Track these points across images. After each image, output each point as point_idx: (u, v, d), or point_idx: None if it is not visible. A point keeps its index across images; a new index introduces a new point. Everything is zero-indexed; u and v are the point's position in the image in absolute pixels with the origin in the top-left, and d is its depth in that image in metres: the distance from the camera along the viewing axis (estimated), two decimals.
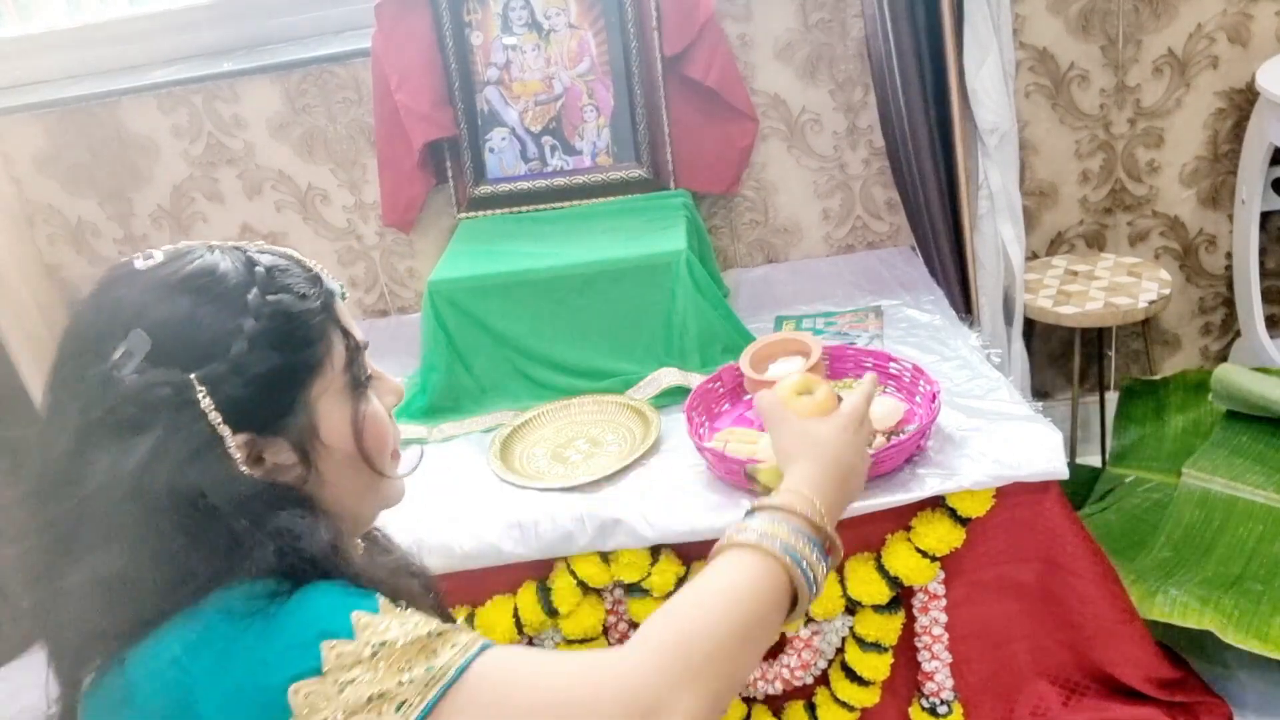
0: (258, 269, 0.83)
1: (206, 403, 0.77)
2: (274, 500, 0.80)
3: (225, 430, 0.78)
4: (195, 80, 2.20)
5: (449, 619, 1.03)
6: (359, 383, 0.88)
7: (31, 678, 0.87)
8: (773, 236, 2.29)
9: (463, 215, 2.16)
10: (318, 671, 0.72)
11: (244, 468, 0.79)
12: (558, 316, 1.85)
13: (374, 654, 0.73)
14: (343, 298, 0.89)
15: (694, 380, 1.73)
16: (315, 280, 0.86)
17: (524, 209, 2.14)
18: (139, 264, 0.82)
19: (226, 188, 2.30)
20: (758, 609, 0.81)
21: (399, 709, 0.72)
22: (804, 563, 0.84)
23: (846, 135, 2.19)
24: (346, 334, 0.87)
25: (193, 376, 0.77)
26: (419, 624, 0.76)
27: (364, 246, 2.34)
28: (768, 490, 0.93)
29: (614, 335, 1.84)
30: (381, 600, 0.77)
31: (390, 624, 0.75)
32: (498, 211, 2.15)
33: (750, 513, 0.88)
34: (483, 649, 0.75)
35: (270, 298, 0.81)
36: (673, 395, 1.75)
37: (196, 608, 0.75)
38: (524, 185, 2.14)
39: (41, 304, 2.31)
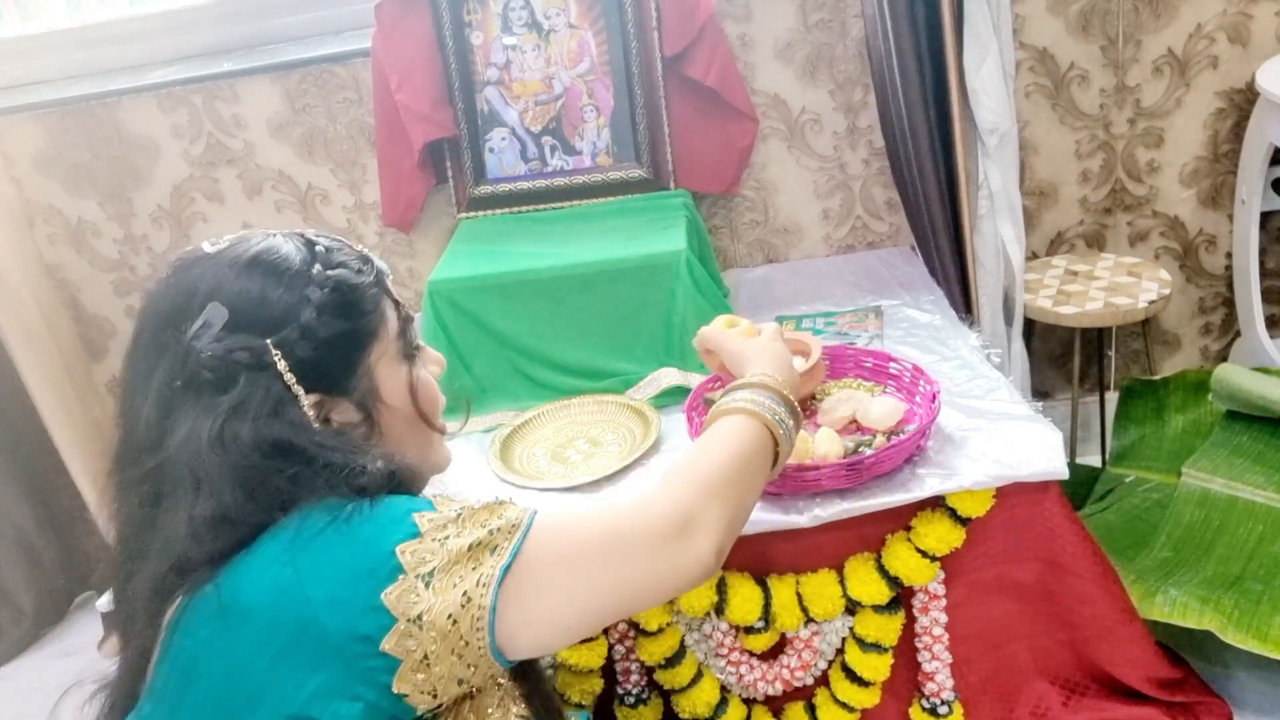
0: (317, 248, 0.94)
1: (282, 365, 0.88)
2: (347, 445, 0.89)
3: (299, 389, 0.89)
4: (195, 80, 2.20)
5: None
6: (412, 348, 0.99)
7: (32, 679, 0.89)
8: (773, 236, 2.29)
9: (463, 215, 2.16)
10: (417, 535, 0.83)
11: (316, 425, 0.90)
12: (558, 316, 1.85)
13: (458, 516, 0.85)
14: (388, 277, 1.00)
15: (694, 380, 1.73)
16: (366, 259, 0.98)
17: (524, 209, 2.14)
18: (208, 248, 0.93)
19: (226, 188, 2.30)
20: (752, 452, 0.99)
21: (493, 552, 0.84)
22: (781, 420, 1.03)
23: (846, 135, 2.19)
24: (398, 305, 0.99)
25: (269, 341, 0.88)
26: (477, 500, 0.89)
27: (364, 246, 2.34)
28: None
29: (614, 335, 1.84)
30: (434, 496, 0.90)
31: (456, 501, 0.88)
32: (498, 211, 2.15)
33: (730, 390, 1.06)
34: (535, 511, 0.88)
35: (331, 272, 0.92)
36: (673, 395, 1.76)
37: (282, 524, 0.84)
38: (524, 185, 2.14)
39: (42, 304, 2.31)
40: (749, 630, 1.51)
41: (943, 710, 1.55)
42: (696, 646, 1.55)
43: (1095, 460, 2.22)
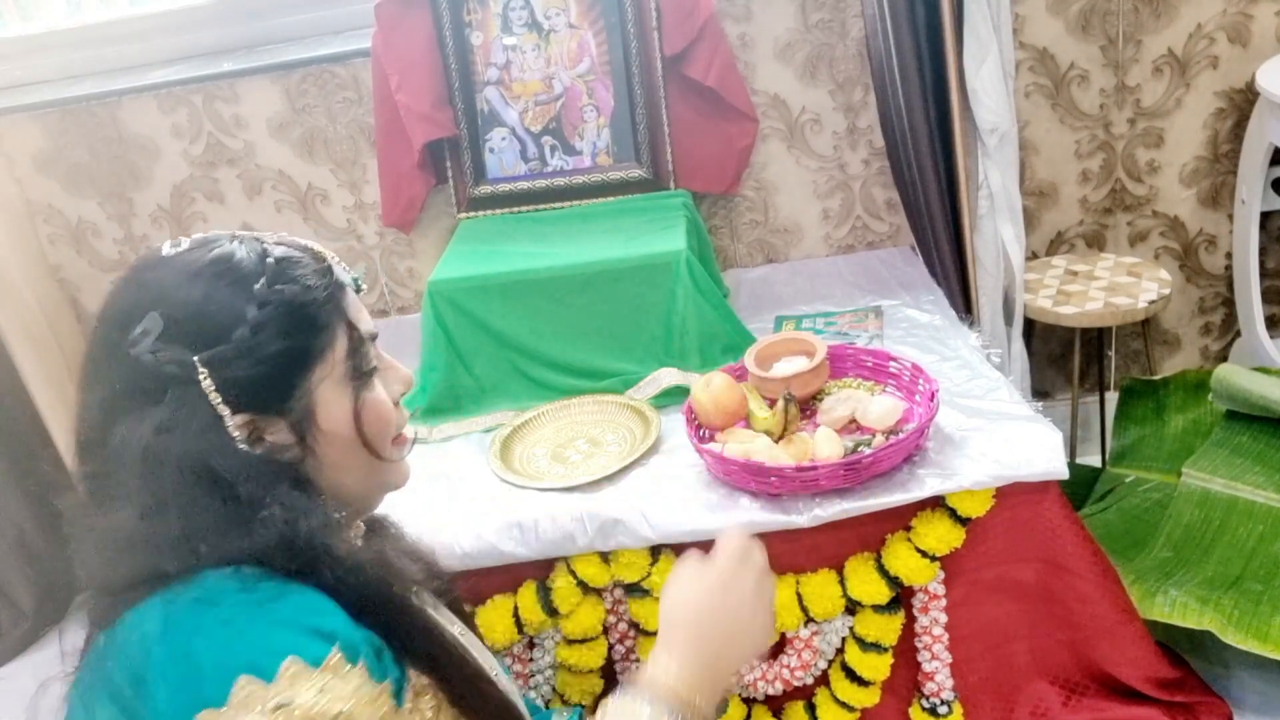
0: (269, 259, 0.89)
1: (208, 384, 0.84)
2: (272, 476, 0.85)
3: (225, 410, 0.85)
4: (195, 80, 2.20)
5: (462, 613, 1.07)
6: (361, 372, 0.93)
7: (32, 679, 0.90)
8: (773, 236, 2.29)
9: (463, 215, 2.16)
10: (222, 703, 0.74)
11: (244, 446, 0.85)
12: (558, 316, 1.85)
13: (275, 708, 0.74)
14: (357, 290, 0.95)
15: (694, 380, 1.73)
16: (326, 272, 0.92)
17: (524, 209, 2.14)
18: (166, 250, 0.90)
19: (226, 188, 2.30)
20: None
21: None
22: None
23: (846, 135, 2.19)
24: (351, 325, 0.92)
25: (196, 359, 0.84)
26: (343, 699, 0.77)
27: (364, 246, 2.35)
28: None
29: (614, 335, 1.84)
30: (333, 655, 0.78)
31: (314, 686, 0.76)
32: (498, 211, 2.15)
33: (624, 693, 0.89)
34: None
35: (276, 288, 0.87)
36: (673, 395, 1.76)
37: (187, 582, 0.80)
38: (524, 185, 2.14)
39: (44, 304, 2.31)
40: None
41: (942, 710, 1.55)
42: None
43: (1095, 460, 2.22)
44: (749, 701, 1.58)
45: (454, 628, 1.00)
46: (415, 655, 0.87)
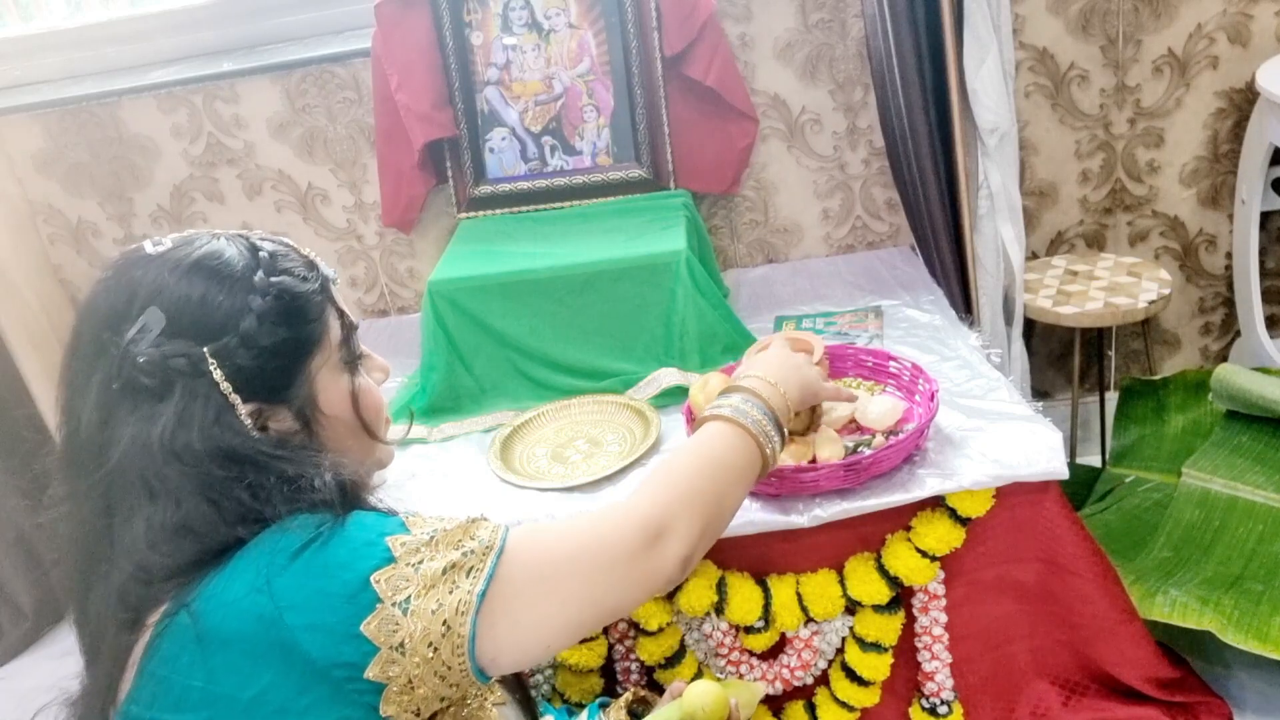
0: (261, 253, 0.92)
1: (218, 374, 0.86)
2: (293, 452, 0.89)
3: (236, 399, 0.87)
4: (195, 80, 2.20)
5: None
6: (354, 357, 0.98)
7: (32, 679, 0.89)
8: (773, 236, 2.29)
9: (463, 215, 2.16)
10: (391, 560, 0.82)
11: (255, 433, 0.88)
12: (558, 316, 1.85)
13: (431, 539, 0.85)
14: (334, 283, 0.98)
15: (694, 380, 1.73)
16: (311, 265, 0.96)
17: (524, 209, 2.14)
18: (150, 249, 0.91)
19: (226, 188, 2.30)
20: (731, 460, 1.01)
21: (469, 574, 0.84)
22: (763, 429, 1.04)
23: (846, 135, 2.19)
24: (342, 313, 0.97)
25: (206, 350, 0.86)
26: (450, 518, 0.88)
27: (364, 246, 2.35)
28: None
29: (614, 335, 1.84)
30: (405, 515, 0.88)
31: (429, 521, 0.87)
32: (498, 211, 2.15)
33: (726, 392, 1.08)
34: (508, 529, 0.88)
35: (274, 279, 0.90)
36: (673, 395, 1.76)
37: (252, 546, 0.83)
38: (524, 185, 2.14)
39: (45, 304, 2.31)
40: (749, 630, 1.51)
41: (942, 710, 1.55)
42: (696, 646, 1.55)
43: (1095, 460, 2.22)
44: None
45: None
46: None
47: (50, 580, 2.37)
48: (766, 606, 1.48)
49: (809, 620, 1.50)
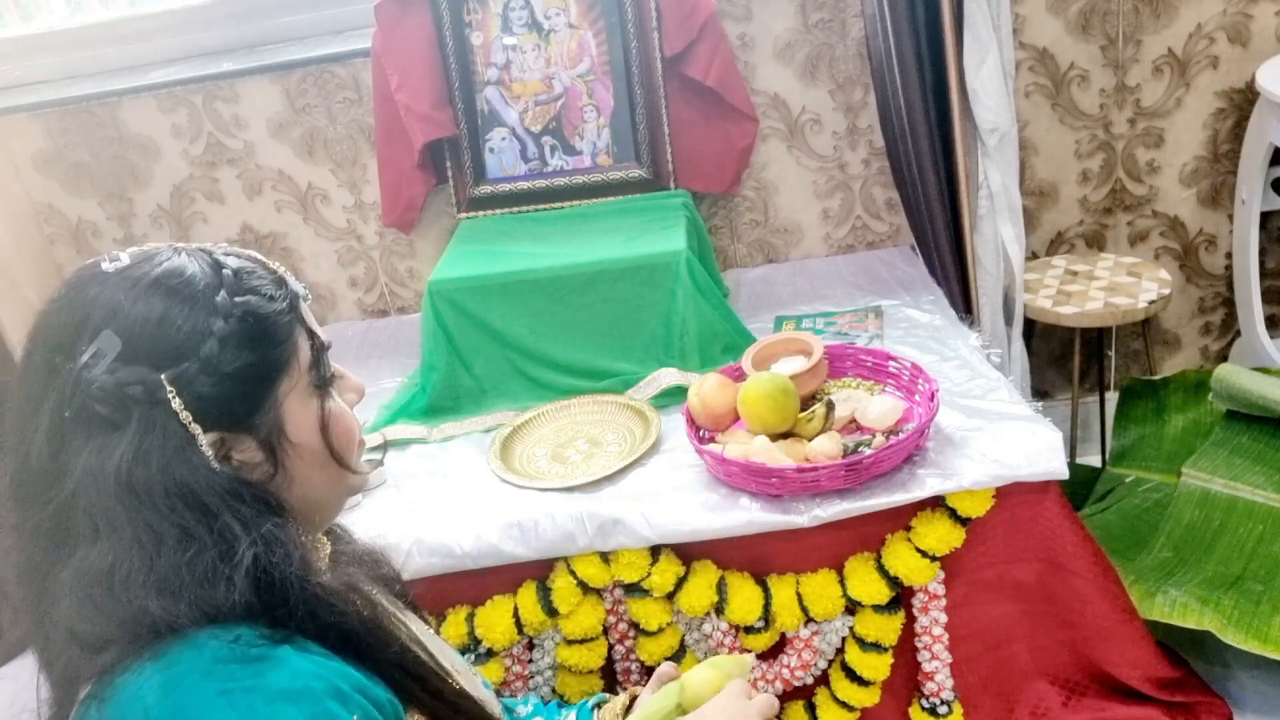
0: (225, 271, 0.85)
1: (177, 402, 0.80)
2: (248, 500, 0.82)
3: (196, 429, 0.81)
4: (195, 80, 2.20)
5: (416, 608, 1.05)
6: (325, 381, 0.90)
7: (32, 679, 0.88)
8: (773, 236, 2.29)
9: (463, 215, 2.16)
10: None
11: (216, 465, 0.81)
12: (558, 316, 1.85)
13: None
14: (306, 300, 0.91)
15: (694, 380, 1.73)
16: (280, 282, 0.88)
17: (524, 209, 2.14)
18: (106, 266, 0.84)
19: (226, 188, 2.30)
20: None
21: None
22: None
23: (846, 135, 2.19)
24: (312, 334, 0.90)
25: (163, 377, 0.79)
26: None
27: (364, 246, 2.34)
28: (682, 711, 1.01)
29: (614, 335, 1.84)
30: (333, 689, 0.77)
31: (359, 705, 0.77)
32: (498, 211, 2.15)
33: None
34: None
35: (239, 299, 0.84)
36: (673, 395, 1.76)
37: (177, 651, 0.75)
38: (524, 185, 2.14)
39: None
40: (749, 630, 1.51)
41: (942, 710, 1.55)
42: (696, 646, 1.55)
43: (1095, 460, 2.22)
44: None
45: (425, 634, 0.99)
46: (401, 687, 0.86)
47: None
48: (766, 606, 1.48)
49: (809, 620, 1.50)
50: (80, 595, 0.77)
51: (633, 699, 1.19)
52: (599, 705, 1.18)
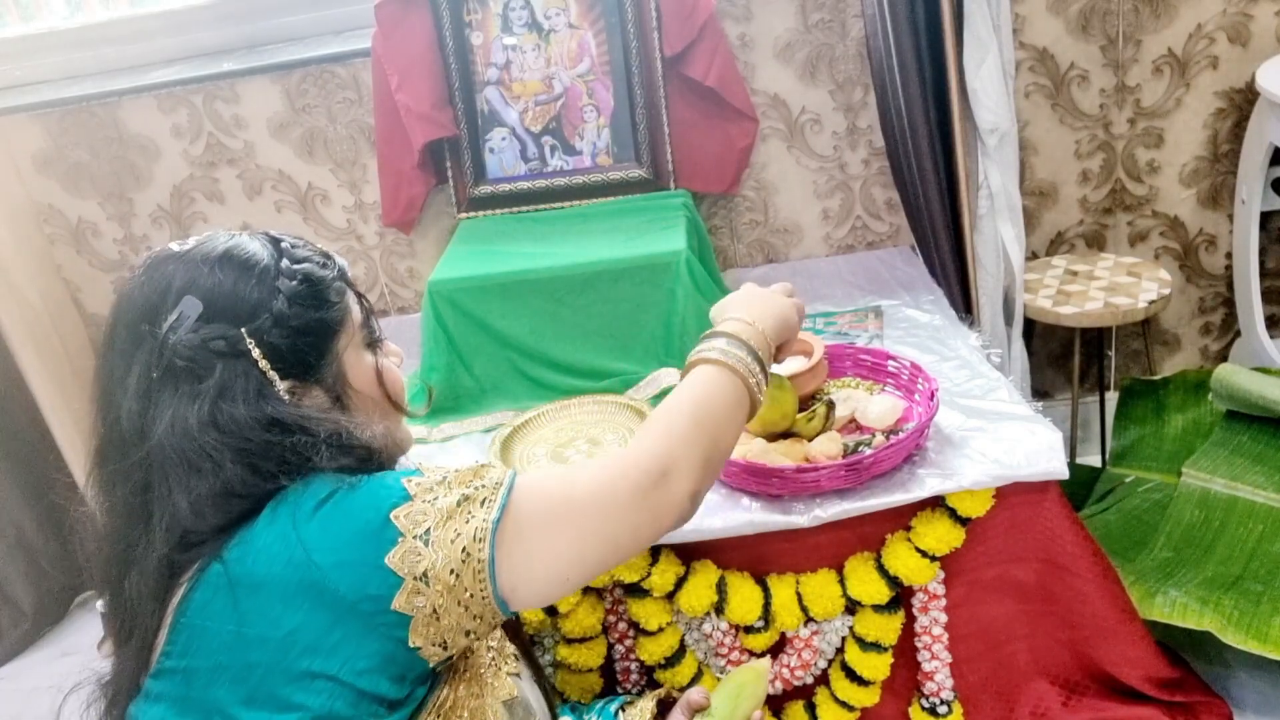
0: (282, 244, 0.99)
1: (256, 352, 0.92)
2: (331, 417, 0.95)
3: (274, 375, 0.93)
4: (195, 80, 2.20)
5: None
6: (374, 338, 1.04)
7: (32, 679, 0.90)
8: (773, 236, 2.29)
9: (463, 215, 2.16)
10: (408, 498, 0.89)
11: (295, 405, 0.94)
12: (558, 316, 1.85)
13: (444, 479, 0.91)
14: (348, 273, 1.04)
15: None
16: (327, 255, 1.03)
17: (524, 209, 2.14)
18: (176, 247, 0.97)
19: (226, 188, 2.30)
20: (723, 400, 1.02)
21: (482, 505, 0.90)
22: (749, 368, 1.05)
23: (846, 135, 2.19)
24: (361, 296, 1.04)
25: (243, 330, 0.92)
26: (459, 466, 0.94)
27: (364, 246, 2.35)
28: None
29: (614, 335, 1.84)
30: (419, 464, 0.96)
31: (440, 468, 0.93)
32: (498, 211, 2.15)
33: (710, 336, 1.09)
34: (516, 471, 0.95)
35: (297, 266, 0.97)
36: None
37: (277, 502, 0.89)
38: (524, 185, 2.14)
39: (48, 304, 2.31)
40: (749, 630, 1.51)
41: (942, 710, 1.55)
42: (696, 646, 1.55)
43: (1095, 460, 2.22)
44: None
45: None
46: None
47: (50, 580, 2.37)
48: (766, 606, 1.48)
49: (809, 620, 1.50)
50: (199, 512, 0.89)
51: (663, 699, 1.24)
52: (623, 708, 1.24)
